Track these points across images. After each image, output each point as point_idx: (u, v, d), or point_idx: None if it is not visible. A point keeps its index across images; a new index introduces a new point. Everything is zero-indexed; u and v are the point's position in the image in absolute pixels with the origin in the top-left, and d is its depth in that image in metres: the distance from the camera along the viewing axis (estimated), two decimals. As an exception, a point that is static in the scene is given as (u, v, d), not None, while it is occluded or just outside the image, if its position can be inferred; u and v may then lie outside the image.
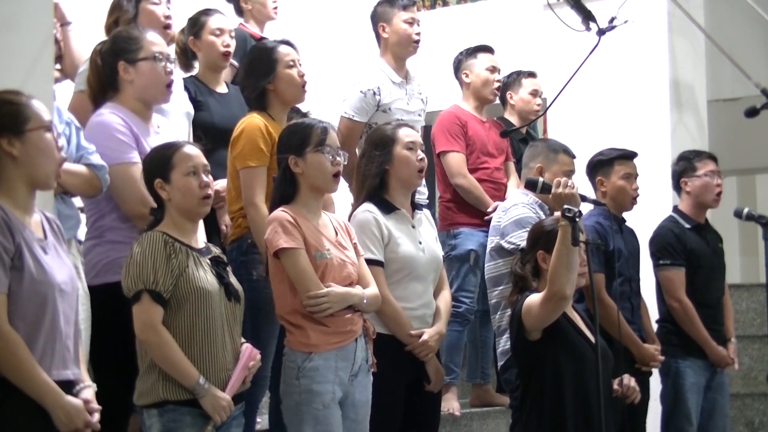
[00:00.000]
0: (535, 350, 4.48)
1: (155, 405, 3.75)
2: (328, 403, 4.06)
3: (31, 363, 3.23)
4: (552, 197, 4.62)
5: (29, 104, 3.38)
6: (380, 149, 4.58)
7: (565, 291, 4.32)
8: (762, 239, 5.12)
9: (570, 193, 4.46)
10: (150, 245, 3.78)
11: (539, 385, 4.48)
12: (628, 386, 4.70)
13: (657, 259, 5.71)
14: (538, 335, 4.46)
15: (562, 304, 4.37)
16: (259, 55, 4.82)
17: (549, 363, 4.45)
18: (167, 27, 5.20)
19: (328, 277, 4.11)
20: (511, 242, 4.89)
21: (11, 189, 3.34)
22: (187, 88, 5.24)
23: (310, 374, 4.05)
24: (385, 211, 4.54)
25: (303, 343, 4.09)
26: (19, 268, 3.26)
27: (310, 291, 4.05)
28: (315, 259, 4.10)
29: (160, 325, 3.73)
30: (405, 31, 5.64)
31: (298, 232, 4.09)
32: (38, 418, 3.25)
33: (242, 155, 4.59)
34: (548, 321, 4.41)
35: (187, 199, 3.89)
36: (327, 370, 4.07)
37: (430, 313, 4.60)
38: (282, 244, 4.06)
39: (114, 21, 5.20)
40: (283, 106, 4.79)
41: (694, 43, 6.97)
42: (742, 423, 7.09)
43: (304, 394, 4.05)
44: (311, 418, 4.04)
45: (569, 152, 5.13)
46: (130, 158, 4.24)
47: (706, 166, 5.80)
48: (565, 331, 4.46)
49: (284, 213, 4.13)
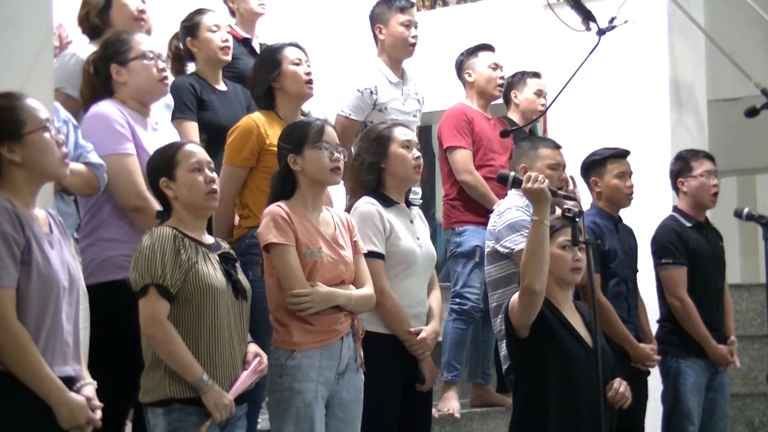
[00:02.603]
0: (524, 348, 4.48)
1: (161, 403, 3.74)
2: (310, 401, 4.05)
3: (37, 358, 3.24)
4: (522, 191, 4.59)
5: (23, 106, 3.37)
6: (375, 147, 4.60)
7: (534, 285, 4.33)
8: (762, 239, 5.12)
9: (539, 188, 4.43)
10: (159, 239, 3.77)
11: (526, 383, 4.49)
12: (617, 391, 4.67)
13: (658, 258, 5.70)
14: (526, 333, 4.45)
15: (533, 299, 4.36)
16: (267, 54, 4.93)
17: (535, 361, 4.45)
18: (140, 20, 5.17)
19: (316, 276, 4.12)
20: (505, 246, 4.88)
21: (16, 189, 3.35)
22: (193, 86, 5.25)
23: (292, 372, 4.06)
24: (385, 205, 4.55)
25: (286, 341, 4.10)
26: (28, 263, 3.26)
27: (295, 289, 4.05)
28: (305, 256, 4.11)
29: (165, 320, 3.72)
30: (401, 33, 5.64)
31: (289, 228, 4.10)
32: (41, 414, 3.25)
33: (228, 152, 4.72)
34: (527, 317, 4.40)
35: (194, 194, 3.89)
36: (310, 368, 4.07)
37: (424, 311, 4.60)
38: (271, 238, 4.08)
39: (85, 13, 5.21)
40: (292, 103, 4.83)
41: (694, 43, 6.97)
42: (742, 423, 7.09)
43: (286, 392, 4.06)
44: (292, 416, 4.04)
45: (550, 144, 5.09)
46: (125, 149, 4.24)
47: (703, 165, 5.79)
48: (553, 330, 4.44)
49: (278, 208, 4.14)
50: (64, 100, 4.77)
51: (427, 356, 4.55)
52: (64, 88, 4.89)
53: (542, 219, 4.38)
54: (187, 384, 3.71)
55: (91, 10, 5.17)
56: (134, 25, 5.03)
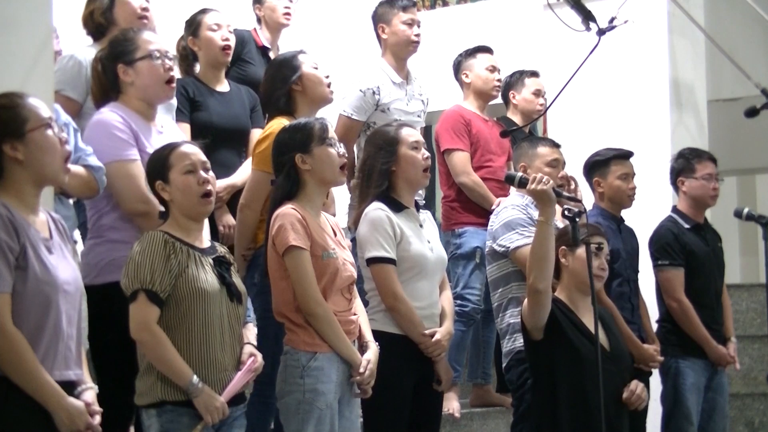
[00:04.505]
0: (538, 350, 4.52)
1: (154, 405, 3.75)
2: (330, 402, 4.06)
3: (34, 363, 3.23)
4: (527, 193, 4.64)
5: (25, 104, 3.36)
6: (385, 150, 4.58)
7: (537, 285, 4.38)
8: (762, 239, 5.12)
9: (542, 189, 4.46)
10: (149, 245, 3.77)
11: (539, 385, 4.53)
12: (634, 392, 4.68)
13: (656, 259, 5.71)
14: (539, 335, 4.48)
15: (538, 298, 4.40)
16: (282, 62, 4.87)
17: (547, 363, 4.48)
18: (143, 18, 5.17)
19: (336, 278, 4.12)
20: (501, 245, 4.89)
21: (18, 190, 3.34)
22: (185, 88, 5.24)
23: (315, 373, 4.05)
24: (395, 210, 4.54)
25: (308, 343, 4.09)
26: (24, 268, 3.25)
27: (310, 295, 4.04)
28: (322, 258, 4.10)
29: (154, 325, 3.72)
30: (404, 32, 5.65)
31: (306, 232, 4.09)
32: (40, 419, 3.24)
33: (259, 158, 4.62)
34: (536, 317, 4.43)
35: (187, 197, 3.88)
36: (330, 369, 4.08)
37: (437, 312, 4.60)
38: (291, 241, 4.06)
39: (90, 12, 5.21)
40: (311, 107, 4.79)
41: (694, 43, 6.97)
42: (742, 423, 7.09)
43: (308, 393, 4.04)
44: (314, 418, 4.03)
45: (548, 143, 5.11)
46: (128, 155, 4.23)
47: (705, 168, 5.78)
48: (565, 333, 4.47)
49: (293, 211, 4.12)
50: (63, 103, 4.77)
51: (443, 357, 4.56)
52: (63, 90, 4.90)
53: (546, 220, 4.41)
54: (178, 387, 3.72)
55: (96, 9, 5.17)
56: (137, 23, 5.03)
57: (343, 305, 4.17)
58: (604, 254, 4.67)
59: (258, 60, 5.83)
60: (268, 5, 5.99)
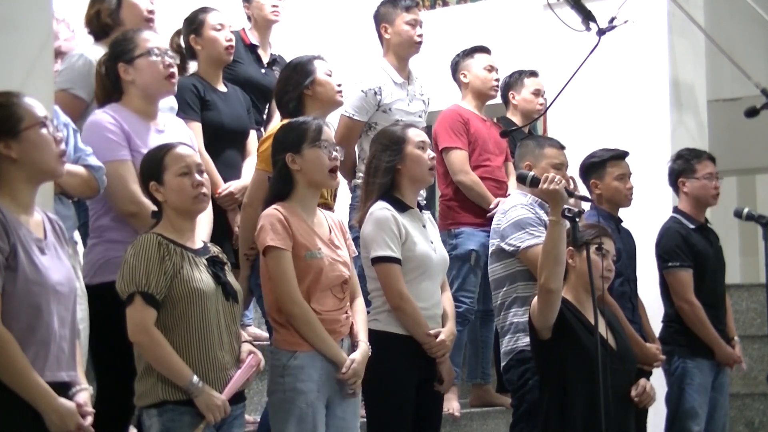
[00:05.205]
0: (546, 350, 4.53)
1: (155, 405, 3.75)
2: (312, 401, 4.05)
3: (24, 364, 3.21)
4: (539, 192, 4.66)
5: (20, 103, 3.36)
6: (391, 149, 4.57)
7: (550, 284, 4.40)
8: (762, 239, 5.12)
9: (555, 189, 4.47)
10: (143, 247, 3.78)
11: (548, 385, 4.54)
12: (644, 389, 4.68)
13: (664, 261, 5.69)
14: (548, 334, 4.50)
15: (549, 297, 4.42)
16: (297, 65, 4.86)
17: (555, 363, 4.50)
18: (149, 20, 5.17)
19: (320, 278, 4.11)
20: (511, 244, 4.89)
21: (13, 189, 3.33)
22: (196, 86, 5.24)
23: (295, 372, 4.06)
24: (399, 210, 4.54)
25: (288, 342, 4.10)
26: (14, 269, 3.24)
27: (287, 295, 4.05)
28: (305, 258, 4.10)
29: (152, 327, 3.73)
30: (407, 32, 5.65)
31: (287, 233, 4.09)
32: (31, 420, 3.23)
33: (265, 157, 4.61)
34: (546, 316, 4.45)
35: (181, 199, 3.89)
36: (312, 368, 4.07)
37: (440, 313, 4.61)
38: (269, 241, 4.08)
39: (95, 12, 5.20)
40: (320, 112, 4.76)
41: (694, 43, 6.97)
42: (742, 423, 7.10)
43: (288, 392, 4.05)
44: (294, 417, 4.04)
45: (555, 144, 5.11)
46: (118, 156, 4.24)
47: (706, 168, 5.79)
48: (573, 332, 4.49)
49: (276, 211, 4.14)
50: (71, 101, 4.77)
51: (446, 358, 4.57)
52: (71, 88, 4.89)
53: (558, 219, 4.41)
54: (178, 386, 3.72)
55: (103, 10, 5.16)
56: (144, 25, 5.02)
57: (331, 305, 4.17)
58: (610, 255, 4.67)
59: (247, 58, 5.81)
60: (256, 3, 5.98)
